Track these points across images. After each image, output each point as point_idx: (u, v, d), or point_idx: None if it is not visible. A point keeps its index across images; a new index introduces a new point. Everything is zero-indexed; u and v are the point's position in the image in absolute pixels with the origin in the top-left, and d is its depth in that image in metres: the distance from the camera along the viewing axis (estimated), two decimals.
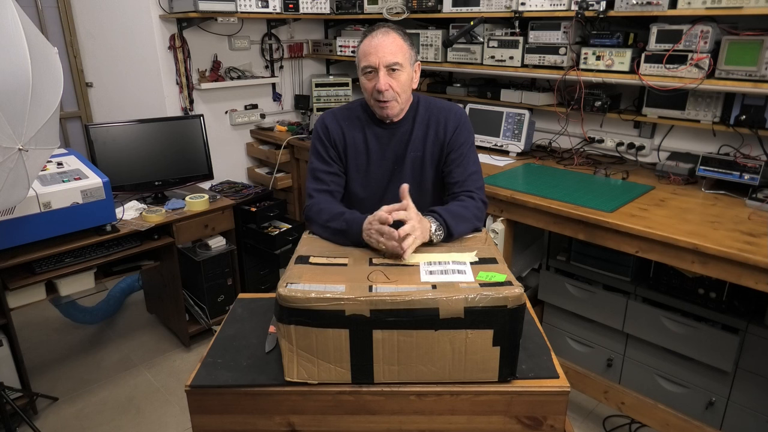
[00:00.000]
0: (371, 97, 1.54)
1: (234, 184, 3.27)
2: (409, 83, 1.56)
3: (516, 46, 2.52)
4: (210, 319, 2.84)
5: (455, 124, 1.61)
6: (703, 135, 2.34)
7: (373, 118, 1.63)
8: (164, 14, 2.98)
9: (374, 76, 1.50)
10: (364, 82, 1.54)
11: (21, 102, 1.50)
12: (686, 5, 1.96)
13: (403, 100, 1.56)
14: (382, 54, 1.48)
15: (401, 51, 1.51)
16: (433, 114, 1.62)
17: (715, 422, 2.09)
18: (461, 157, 1.59)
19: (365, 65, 1.51)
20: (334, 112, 1.67)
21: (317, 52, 3.70)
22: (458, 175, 1.58)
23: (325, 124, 1.63)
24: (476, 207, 1.50)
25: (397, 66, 1.49)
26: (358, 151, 1.63)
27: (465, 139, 1.61)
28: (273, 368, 1.18)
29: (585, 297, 2.38)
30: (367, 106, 1.63)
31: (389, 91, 1.50)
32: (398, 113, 1.58)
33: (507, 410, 1.13)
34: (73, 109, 3.44)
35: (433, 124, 1.61)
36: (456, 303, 1.05)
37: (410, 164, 1.61)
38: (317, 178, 1.60)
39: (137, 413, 2.37)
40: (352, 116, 1.64)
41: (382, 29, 1.53)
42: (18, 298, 2.20)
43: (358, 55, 1.54)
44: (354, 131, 1.62)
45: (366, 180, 1.64)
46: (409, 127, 1.62)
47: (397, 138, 1.62)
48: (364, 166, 1.63)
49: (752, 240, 1.64)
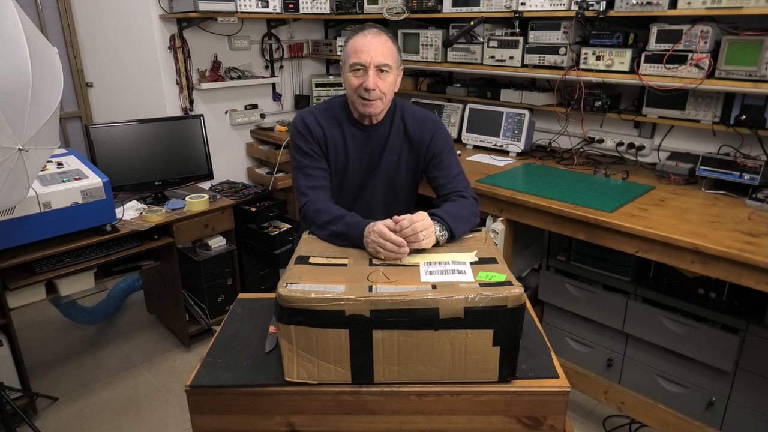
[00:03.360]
0: (355, 93, 1.55)
1: (234, 184, 3.28)
2: (393, 86, 1.59)
3: (516, 46, 2.52)
4: (210, 319, 2.84)
5: (431, 131, 1.64)
6: (703, 135, 2.34)
7: (351, 119, 1.63)
8: (164, 14, 2.98)
9: (363, 74, 1.51)
10: (350, 78, 1.54)
11: (21, 102, 1.50)
12: (686, 5, 1.96)
13: (386, 102, 1.58)
14: (374, 54, 1.50)
15: (391, 54, 1.53)
16: (409, 122, 1.65)
17: (715, 422, 2.09)
18: (443, 162, 1.63)
19: (355, 62, 1.51)
20: (311, 110, 1.66)
21: (317, 52, 3.70)
22: (443, 179, 1.62)
23: (305, 122, 1.62)
24: (470, 204, 1.53)
25: (386, 67, 1.52)
26: (337, 151, 1.63)
27: (443, 145, 1.65)
28: (273, 368, 1.18)
29: (585, 297, 2.38)
30: (345, 105, 1.64)
31: (376, 90, 1.51)
32: (379, 113, 1.60)
33: (507, 410, 1.13)
34: (73, 109, 3.44)
35: (410, 132, 1.64)
36: (456, 303, 1.05)
37: (384, 169, 1.64)
38: (307, 174, 1.59)
39: (137, 413, 2.37)
40: (330, 116, 1.64)
41: (373, 29, 1.54)
42: (18, 298, 2.20)
43: (347, 51, 1.54)
44: (333, 130, 1.63)
45: (342, 181, 1.66)
46: (386, 131, 1.64)
47: (374, 141, 1.63)
48: (342, 167, 1.64)
49: (752, 240, 1.64)
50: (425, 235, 1.28)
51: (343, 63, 1.57)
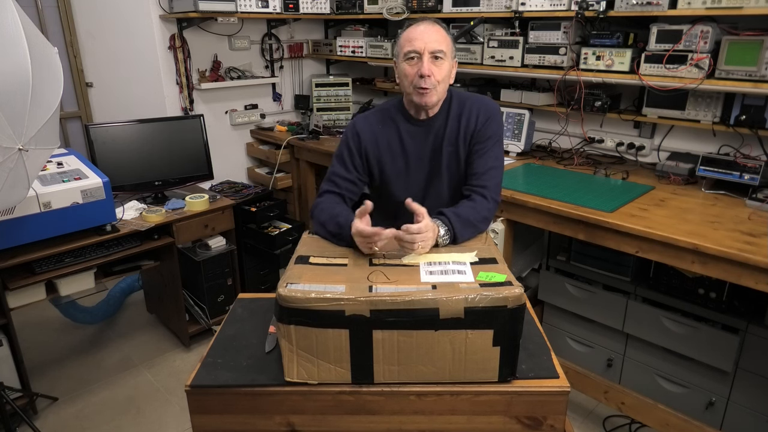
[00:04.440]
0: (411, 84, 1.51)
1: (234, 184, 3.28)
2: (448, 75, 1.54)
3: (516, 46, 2.52)
4: (210, 319, 2.84)
5: (486, 116, 1.58)
6: (703, 135, 2.34)
7: (407, 116, 1.60)
8: (164, 14, 2.98)
9: (418, 61, 1.49)
10: (405, 69, 1.51)
11: (21, 102, 1.50)
12: (686, 5, 1.96)
13: (441, 91, 1.54)
14: (428, 40, 1.48)
15: (445, 41, 1.51)
16: (465, 106, 1.59)
17: (715, 422, 2.09)
18: (484, 149, 1.57)
19: (409, 50, 1.49)
20: (366, 115, 1.64)
21: (317, 52, 3.70)
22: (478, 167, 1.56)
23: (356, 131, 1.60)
24: (486, 209, 1.49)
25: (440, 54, 1.49)
26: (394, 153, 1.60)
27: (493, 133, 1.58)
28: (273, 368, 1.18)
29: (585, 297, 2.38)
30: (401, 105, 1.61)
31: (431, 78, 1.48)
32: (435, 104, 1.55)
33: (507, 410, 1.13)
34: (73, 109, 3.44)
35: (465, 116, 1.58)
36: (456, 303, 1.05)
37: (446, 160, 1.59)
38: (332, 180, 1.59)
39: (137, 413, 2.37)
40: (385, 117, 1.62)
41: (427, 20, 1.53)
42: (18, 298, 2.20)
43: (400, 43, 1.52)
44: (389, 133, 1.60)
45: (407, 182, 1.62)
46: (443, 122, 1.59)
47: (432, 135, 1.59)
48: (403, 168, 1.61)
49: (752, 240, 1.64)
50: (422, 247, 1.28)
51: (397, 56, 1.54)
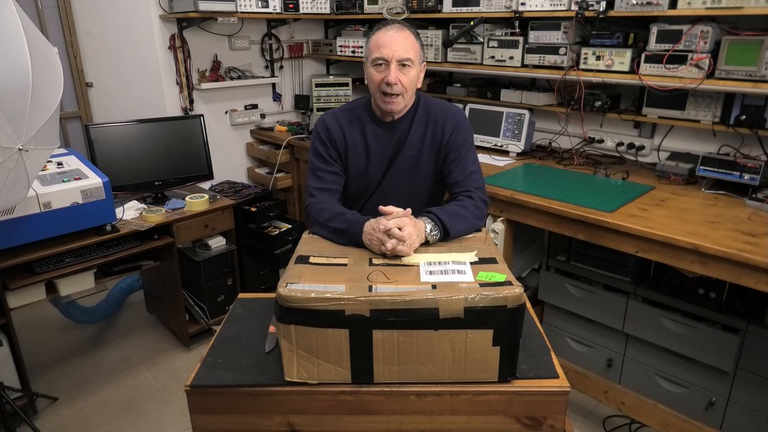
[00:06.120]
0: (378, 90, 1.53)
1: (234, 184, 3.27)
2: (416, 81, 1.57)
3: (516, 46, 2.52)
4: (210, 319, 2.84)
5: (453, 124, 1.61)
6: (703, 135, 2.34)
7: (374, 118, 1.63)
8: (164, 14, 2.98)
9: (385, 68, 1.50)
10: (372, 74, 1.53)
11: (21, 102, 1.50)
12: (686, 5, 1.96)
13: (408, 97, 1.57)
14: (396, 48, 1.49)
15: (413, 48, 1.52)
16: (431, 114, 1.62)
17: (715, 422, 2.09)
18: (460, 158, 1.60)
19: (377, 56, 1.50)
20: (334, 112, 1.66)
21: (317, 52, 3.70)
22: (457, 175, 1.59)
23: (326, 125, 1.63)
24: (475, 206, 1.49)
25: (408, 62, 1.50)
26: (358, 151, 1.63)
27: (464, 140, 1.61)
28: (273, 368, 1.18)
29: (585, 297, 2.38)
30: (368, 105, 1.63)
31: (398, 85, 1.50)
32: (401, 110, 1.58)
33: (507, 410, 1.13)
34: (73, 109, 3.44)
35: (432, 125, 1.61)
36: (456, 303, 1.05)
37: (405, 162, 1.62)
38: (318, 176, 1.60)
39: (137, 413, 2.36)
40: (353, 116, 1.64)
41: (396, 25, 1.53)
42: (18, 298, 2.20)
43: (369, 47, 1.54)
44: (354, 131, 1.62)
45: (363, 180, 1.64)
46: (407, 126, 1.62)
47: (395, 137, 1.62)
48: (363, 166, 1.63)
49: (752, 240, 1.64)
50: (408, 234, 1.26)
51: (366, 59, 1.56)
